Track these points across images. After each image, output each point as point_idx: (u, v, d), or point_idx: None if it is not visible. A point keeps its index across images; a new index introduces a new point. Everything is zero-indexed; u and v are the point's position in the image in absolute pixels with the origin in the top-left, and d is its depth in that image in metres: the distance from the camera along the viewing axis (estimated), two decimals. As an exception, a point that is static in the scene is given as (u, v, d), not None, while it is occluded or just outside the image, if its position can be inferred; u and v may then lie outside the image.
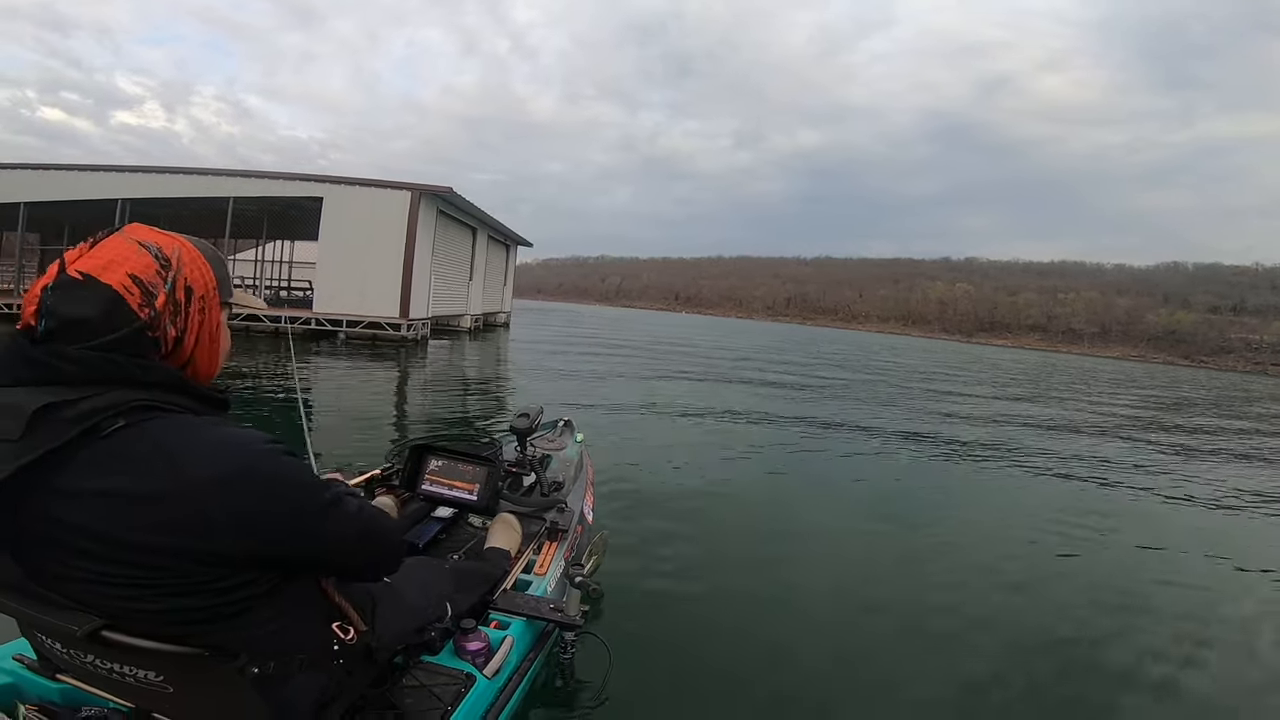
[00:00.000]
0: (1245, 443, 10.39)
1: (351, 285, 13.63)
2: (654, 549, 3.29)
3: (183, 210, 16.00)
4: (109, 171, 14.37)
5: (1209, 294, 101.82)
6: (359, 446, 4.96)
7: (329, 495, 0.92)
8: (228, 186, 14.23)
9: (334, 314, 13.44)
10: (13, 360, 0.77)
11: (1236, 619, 3.23)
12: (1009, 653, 2.59)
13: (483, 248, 19.82)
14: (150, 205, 14.24)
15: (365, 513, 0.99)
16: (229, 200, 14.09)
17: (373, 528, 1.00)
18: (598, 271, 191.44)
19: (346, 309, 13.60)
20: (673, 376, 12.26)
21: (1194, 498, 5.91)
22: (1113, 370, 36.99)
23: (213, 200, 14.33)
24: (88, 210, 14.56)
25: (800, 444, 6.76)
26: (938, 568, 3.48)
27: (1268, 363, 75.94)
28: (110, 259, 0.82)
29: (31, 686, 1.08)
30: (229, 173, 14.68)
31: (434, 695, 1.30)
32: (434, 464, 2.04)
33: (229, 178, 14.42)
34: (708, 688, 2.16)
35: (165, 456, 0.75)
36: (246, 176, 14.51)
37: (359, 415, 6.34)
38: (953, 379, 18.13)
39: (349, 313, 13.57)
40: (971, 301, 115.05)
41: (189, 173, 14.61)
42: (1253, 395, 25.02)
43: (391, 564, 1.08)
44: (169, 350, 0.84)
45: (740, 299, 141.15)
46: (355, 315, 13.58)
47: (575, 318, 42.17)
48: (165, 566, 0.76)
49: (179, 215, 16.75)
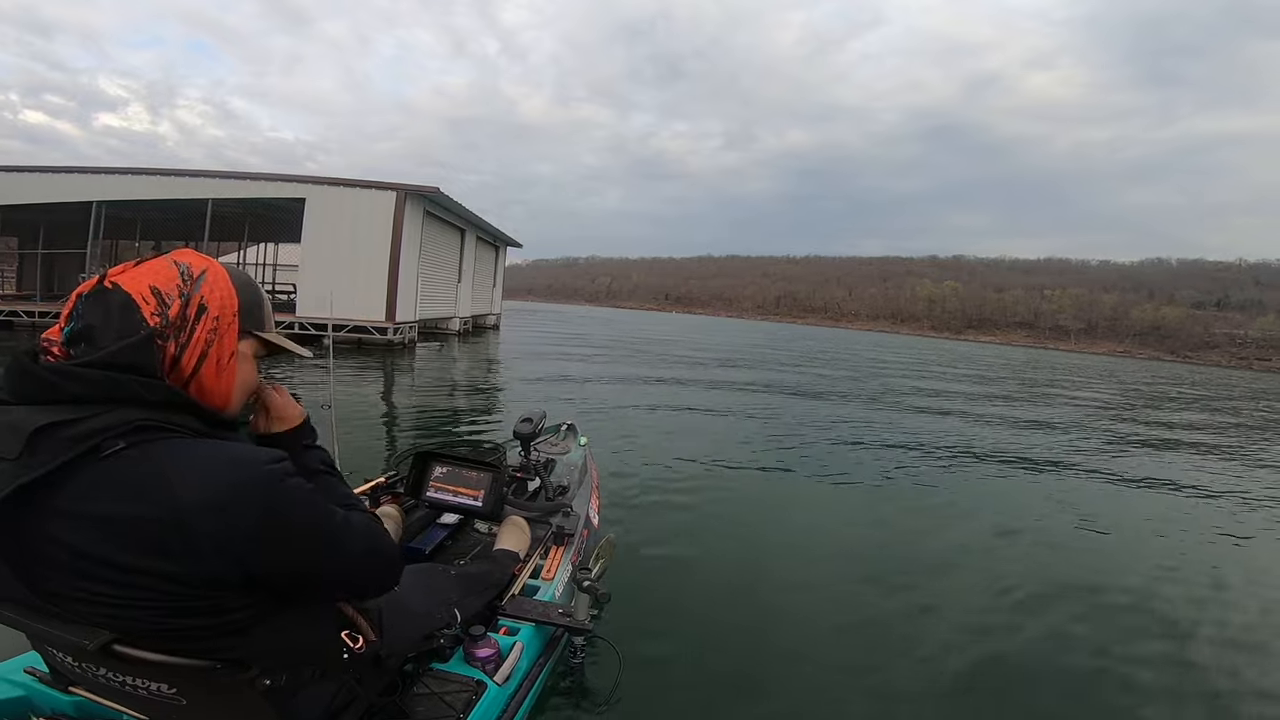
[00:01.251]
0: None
1: (336, 288, 13.45)
2: (661, 551, 3.30)
3: (160, 213, 15.77)
4: (84, 174, 14.08)
5: (1193, 289, 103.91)
6: (345, 460, 4.88)
7: (337, 520, 0.91)
8: (206, 188, 13.96)
9: (317, 318, 13.28)
10: (17, 378, 0.78)
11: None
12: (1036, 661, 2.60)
13: (471, 248, 19.69)
14: (126, 208, 14.03)
15: (371, 531, 0.99)
16: (208, 202, 13.87)
17: (376, 545, 0.99)
18: (588, 272, 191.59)
19: (331, 313, 13.45)
20: (668, 377, 12.28)
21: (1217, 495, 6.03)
22: (1094, 366, 37.57)
23: (191, 202, 14.10)
24: (62, 213, 14.27)
25: (802, 440, 6.81)
26: (950, 566, 3.52)
27: (1253, 357, 77.62)
28: (142, 273, 0.85)
29: (44, 699, 1.08)
30: (207, 174, 14.37)
31: (445, 703, 1.30)
32: (438, 471, 2.05)
33: (208, 179, 14.12)
34: (719, 691, 2.17)
35: (161, 479, 0.75)
36: (225, 178, 14.22)
37: (344, 421, 6.27)
38: (941, 376, 18.34)
39: (333, 316, 13.39)
40: (959, 299, 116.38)
41: (166, 174, 14.27)
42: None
43: (391, 582, 1.07)
44: (169, 366, 0.84)
45: (730, 298, 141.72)
46: (340, 319, 13.42)
47: (565, 319, 42.08)
48: (160, 589, 0.76)
49: (157, 219, 16.53)
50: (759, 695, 2.16)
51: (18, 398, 0.78)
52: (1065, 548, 4.05)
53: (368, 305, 13.50)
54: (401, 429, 6.38)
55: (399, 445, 5.37)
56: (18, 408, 0.77)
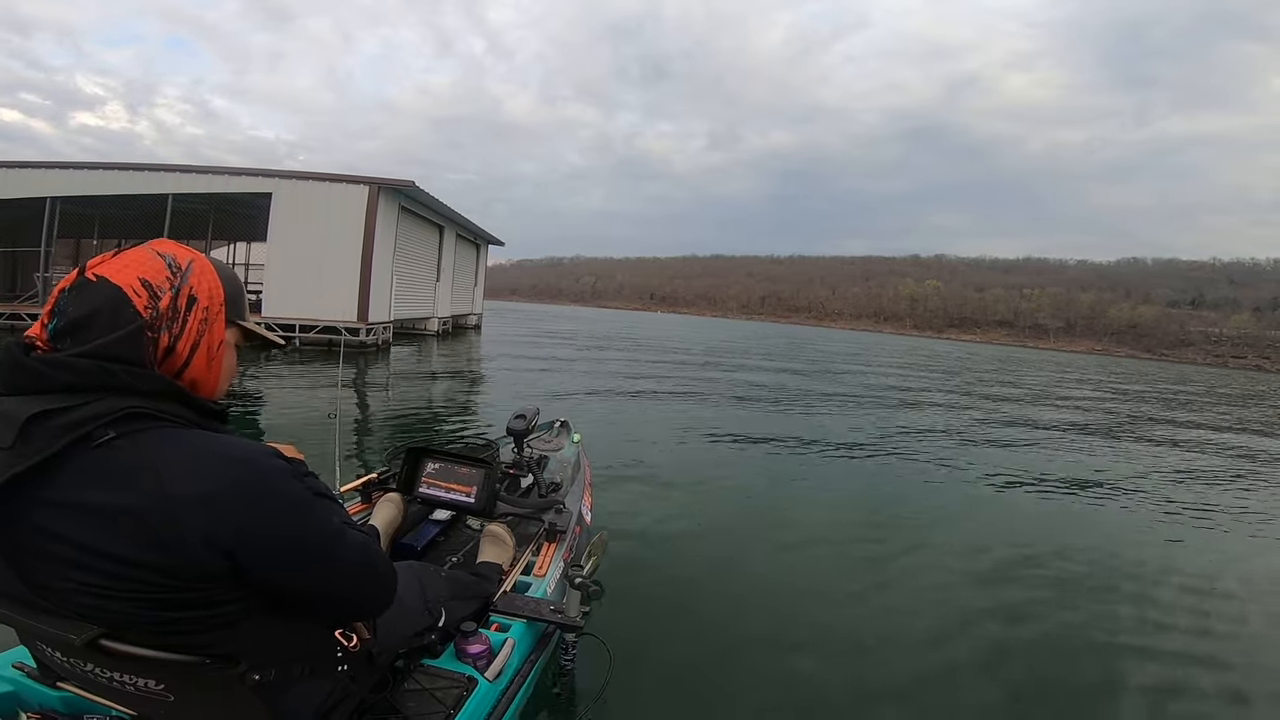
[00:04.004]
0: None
1: (304, 287, 13.20)
2: (653, 548, 3.35)
3: (120, 209, 15.27)
4: (36, 169, 13.59)
5: (1168, 289, 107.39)
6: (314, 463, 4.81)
7: (334, 524, 0.90)
8: (166, 182, 13.54)
9: (285, 318, 12.99)
10: (7, 369, 0.79)
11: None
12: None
13: (451, 246, 19.42)
14: (82, 204, 13.59)
15: (367, 548, 0.96)
16: (168, 197, 13.50)
17: (370, 560, 0.97)
18: (572, 272, 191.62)
19: (299, 313, 13.16)
20: (657, 375, 12.31)
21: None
22: (1065, 363, 38.67)
23: (150, 198, 13.71)
24: (13, 210, 13.75)
25: (795, 437, 6.90)
26: (938, 562, 3.61)
27: (1228, 355, 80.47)
28: (126, 264, 0.85)
29: (32, 694, 1.08)
30: (168, 167, 13.83)
31: (436, 699, 1.31)
32: (431, 467, 2.06)
33: (168, 173, 13.66)
34: (709, 687, 2.20)
35: (151, 470, 0.76)
36: (187, 171, 13.80)
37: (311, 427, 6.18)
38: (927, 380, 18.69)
39: (302, 317, 13.14)
40: (941, 298, 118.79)
41: (124, 168, 13.71)
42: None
43: (384, 603, 1.04)
44: (161, 357, 0.85)
45: (715, 298, 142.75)
46: (309, 319, 13.15)
47: (549, 318, 41.98)
48: (151, 580, 0.77)
49: (116, 216, 15.99)
50: (750, 691, 2.20)
51: (8, 389, 0.78)
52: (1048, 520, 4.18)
53: (338, 305, 13.20)
54: (375, 436, 6.28)
55: (368, 454, 5.30)
56: (9, 398, 0.77)
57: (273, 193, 13.38)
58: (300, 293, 13.18)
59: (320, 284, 13.10)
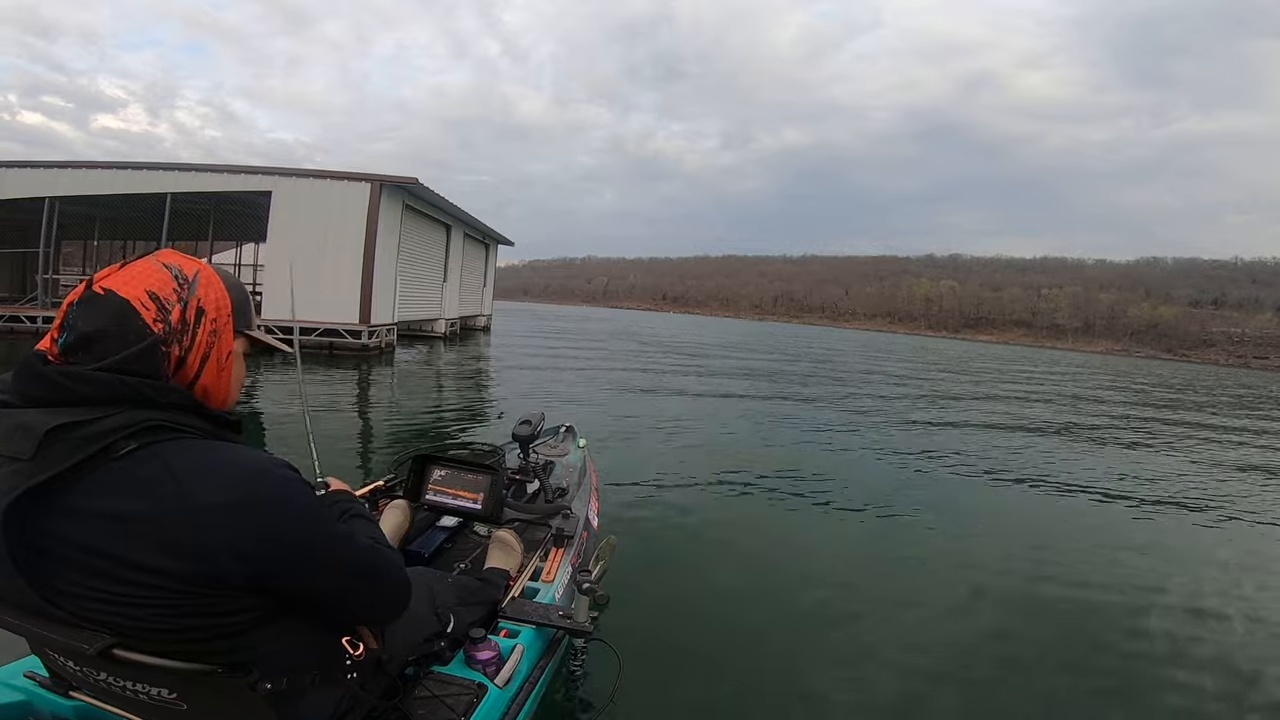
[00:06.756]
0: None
1: (305, 288, 13.17)
2: (660, 553, 3.37)
3: (119, 210, 15.33)
4: (35, 168, 13.71)
5: (1189, 288, 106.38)
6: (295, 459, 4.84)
7: (340, 529, 0.94)
8: (165, 181, 13.62)
9: (284, 320, 13.00)
10: (27, 380, 0.81)
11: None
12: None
13: (458, 246, 19.33)
14: (82, 204, 13.68)
15: (378, 552, 1.00)
16: (166, 197, 13.56)
17: (379, 564, 1.00)
18: (584, 272, 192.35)
19: (299, 315, 13.16)
20: (667, 378, 12.31)
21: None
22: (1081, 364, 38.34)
23: (149, 197, 13.78)
24: (12, 211, 13.91)
25: (804, 441, 6.93)
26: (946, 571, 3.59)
27: (1250, 355, 79.64)
28: (133, 276, 0.86)
29: (44, 704, 1.09)
30: (166, 166, 13.93)
31: (446, 706, 1.33)
32: (437, 474, 2.09)
33: (166, 172, 13.73)
34: (719, 692, 2.21)
35: (173, 479, 0.78)
36: (185, 170, 13.84)
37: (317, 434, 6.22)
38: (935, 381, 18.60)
39: (302, 319, 13.12)
40: (956, 298, 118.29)
41: (122, 167, 13.86)
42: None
43: (398, 611, 1.07)
44: (173, 370, 0.87)
45: (727, 298, 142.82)
46: (309, 322, 13.07)
47: (560, 319, 42.09)
48: (166, 587, 0.79)
49: (116, 216, 16.07)
50: (759, 697, 2.21)
51: (26, 400, 0.80)
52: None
53: (340, 306, 13.12)
54: (377, 444, 6.32)
55: (373, 462, 5.33)
56: (30, 410, 0.79)
57: (272, 191, 13.39)
58: (300, 294, 13.12)
59: (321, 285, 13.00)
